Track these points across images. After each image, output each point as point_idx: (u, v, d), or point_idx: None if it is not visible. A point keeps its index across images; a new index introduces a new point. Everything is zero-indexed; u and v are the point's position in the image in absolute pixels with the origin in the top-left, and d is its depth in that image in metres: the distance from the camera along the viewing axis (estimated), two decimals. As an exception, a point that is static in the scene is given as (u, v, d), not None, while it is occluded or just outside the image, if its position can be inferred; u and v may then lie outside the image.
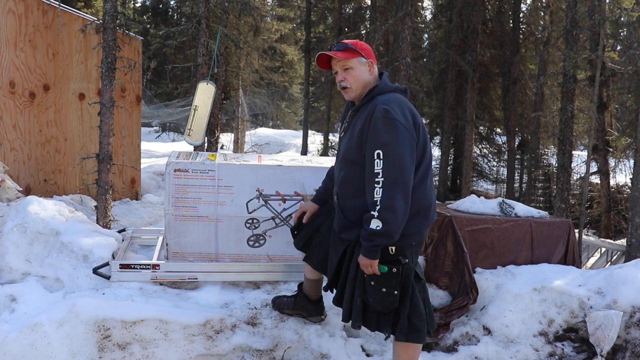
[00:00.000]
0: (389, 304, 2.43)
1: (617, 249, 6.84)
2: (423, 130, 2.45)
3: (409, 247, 2.44)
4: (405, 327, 2.47)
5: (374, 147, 2.32)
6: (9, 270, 3.33)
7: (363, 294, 2.49)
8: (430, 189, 2.49)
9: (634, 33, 6.21)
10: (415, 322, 2.49)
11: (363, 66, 2.51)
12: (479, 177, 12.81)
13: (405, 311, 2.46)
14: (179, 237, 3.36)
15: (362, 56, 2.51)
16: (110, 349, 2.89)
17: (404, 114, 2.38)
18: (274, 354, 3.05)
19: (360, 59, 2.51)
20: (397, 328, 2.49)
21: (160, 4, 20.37)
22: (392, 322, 2.49)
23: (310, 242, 2.86)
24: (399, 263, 2.39)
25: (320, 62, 2.57)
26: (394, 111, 2.34)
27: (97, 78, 5.49)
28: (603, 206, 9.45)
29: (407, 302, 2.46)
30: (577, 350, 3.28)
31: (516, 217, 3.81)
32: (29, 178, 5.22)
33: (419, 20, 11.92)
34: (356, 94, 2.52)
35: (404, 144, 2.32)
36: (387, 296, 2.41)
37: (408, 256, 2.43)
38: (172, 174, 3.28)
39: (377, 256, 2.35)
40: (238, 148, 14.30)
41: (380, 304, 2.44)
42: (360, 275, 2.49)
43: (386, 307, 2.45)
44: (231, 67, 9.36)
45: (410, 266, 2.46)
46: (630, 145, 6.93)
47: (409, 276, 2.46)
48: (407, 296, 2.46)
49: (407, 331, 2.48)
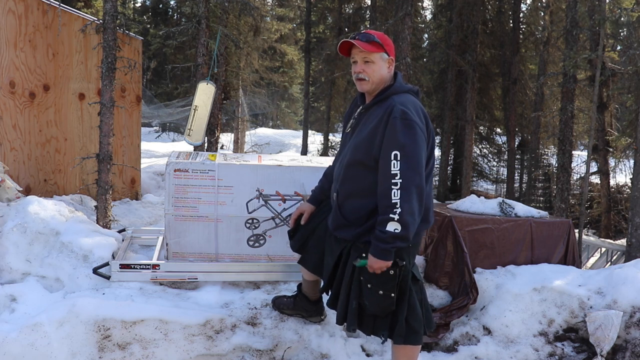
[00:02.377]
0: (386, 306, 2.42)
1: (617, 249, 6.84)
2: (432, 134, 2.44)
3: (406, 249, 2.42)
4: (403, 329, 2.46)
5: (392, 148, 2.29)
6: (9, 270, 3.33)
7: (359, 296, 2.47)
8: (431, 192, 2.49)
9: (634, 33, 6.21)
10: (412, 324, 2.48)
11: (384, 62, 2.48)
12: (479, 177, 12.81)
13: (402, 313, 2.45)
14: (179, 237, 3.36)
15: (385, 52, 2.47)
16: (110, 349, 2.89)
17: (419, 116, 2.37)
18: (274, 354, 3.05)
19: (382, 54, 2.47)
20: (394, 331, 2.47)
21: (160, 4, 20.37)
22: (390, 324, 2.48)
23: (306, 244, 2.85)
24: (397, 265, 2.37)
25: (341, 48, 2.52)
26: (411, 113, 2.33)
27: (97, 78, 5.49)
28: (603, 206, 9.45)
29: (404, 305, 2.45)
30: (577, 350, 3.28)
31: (516, 217, 3.81)
32: (29, 178, 5.22)
33: (419, 20, 11.91)
34: (371, 87, 2.49)
35: (421, 146, 2.31)
36: (384, 299, 2.40)
37: (405, 258, 2.41)
38: (172, 174, 3.28)
39: (391, 258, 2.33)
40: (238, 148, 14.29)
41: (378, 307, 2.42)
42: (356, 278, 2.47)
43: (383, 310, 2.43)
44: (231, 67, 9.36)
45: (407, 268, 2.44)
46: (630, 145, 6.93)
47: (406, 278, 2.45)
48: (405, 298, 2.45)
49: (405, 333, 2.47)
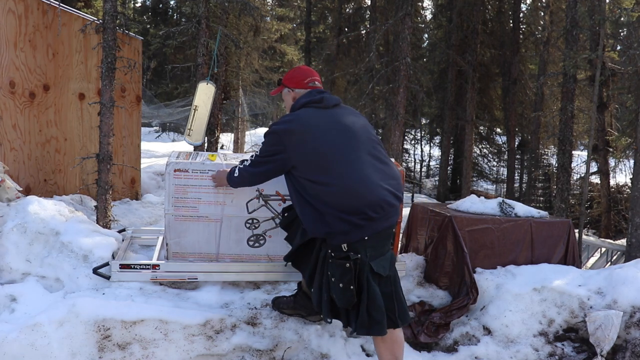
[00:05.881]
0: (348, 298, 2.55)
1: (617, 249, 6.85)
2: (314, 130, 2.67)
3: (361, 243, 2.53)
4: (365, 320, 2.57)
5: None
6: (9, 270, 3.33)
7: (328, 290, 2.63)
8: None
9: (634, 33, 6.21)
10: (374, 315, 2.56)
11: (288, 94, 2.91)
12: (479, 177, 12.83)
13: (363, 304, 2.56)
14: (179, 238, 3.36)
15: (286, 87, 2.91)
16: (110, 349, 2.89)
17: (285, 122, 2.73)
18: (274, 354, 3.05)
19: (284, 89, 2.92)
20: (358, 321, 2.59)
21: (160, 4, 20.36)
22: (356, 316, 2.60)
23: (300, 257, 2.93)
24: (350, 259, 2.51)
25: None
26: (274, 124, 2.78)
27: (97, 78, 5.49)
28: (603, 206, 9.46)
29: (364, 296, 2.56)
30: (577, 350, 3.28)
31: (516, 217, 3.81)
32: (29, 178, 5.22)
33: (419, 20, 11.93)
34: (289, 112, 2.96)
35: (266, 145, 2.77)
36: (344, 291, 2.54)
37: (361, 252, 2.53)
38: (172, 174, 3.28)
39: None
40: (238, 148, 14.30)
41: (342, 299, 2.57)
42: (325, 272, 2.64)
43: (348, 303, 2.57)
44: (231, 67, 9.37)
45: (363, 260, 2.54)
46: (630, 145, 6.93)
47: (363, 270, 2.55)
48: (363, 290, 2.56)
49: (367, 324, 2.57)
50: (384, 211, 2.57)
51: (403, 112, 7.04)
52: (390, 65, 7.76)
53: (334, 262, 2.57)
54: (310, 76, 2.88)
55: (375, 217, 2.54)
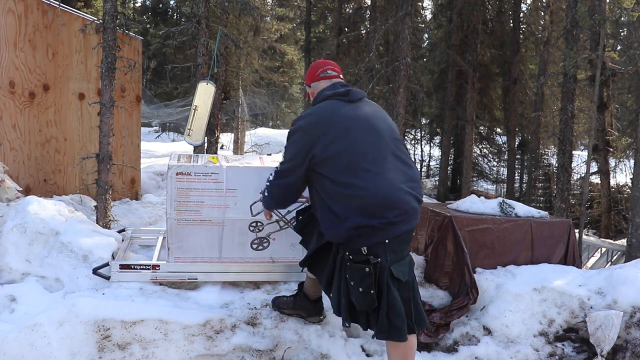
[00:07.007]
0: (368, 302, 2.50)
1: (617, 249, 6.85)
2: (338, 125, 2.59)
3: (381, 247, 2.48)
4: (385, 325, 2.52)
5: None
6: (9, 270, 3.33)
7: (347, 293, 2.57)
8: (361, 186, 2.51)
9: (634, 33, 6.20)
10: (393, 321, 2.52)
11: (309, 89, 2.89)
12: (479, 177, 12.83)
13: (383, 310, 2.51)
14: (181, 242, 3.33)
15: (305, 84, 2.92)
16: (110, 349, 2.89)
17: (306, 117, 2.65)
18: (274, 354, 3.05)
19: (306, 86, 2.91)
20: (377, 327, 2.54)
21: (160, 4, 20.35)
22: (376, 321, 2.55)
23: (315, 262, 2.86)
24: (369, 262, 2.46)
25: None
26: (297, 121, 2.68)
27: (97, 78, 5.48)
28: (603, 206, 9.46)
29: (383, 301, 2.51)
30: (577, 350, 3.28)
31: (516, 217, 3.81)
32: (29, 178, 5.21)
33: (419, 20, 11.93)
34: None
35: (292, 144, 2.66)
36: (364, 295, 2.49)
37: (381, 255, 2.48)
38: (174, 178, 3.23)
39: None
40: (238, 148, 14.28)
41: (361, 303, 2.51)
42: (343, 276, 2.57)
43: (368, 306, 2.52)
44: (231, 67, 9.36)
45: (383, 265, 2.49)
46: (631, 145, 6.93)
47: (382, 275, 2.50)
48: (383, 295, 2.51)
49: (387, 329, 2.52)
50: (407, 214, 2.51)
51: (403, 112, 7.04)
52: (390, 65, 7.75)
53: (352, 266, 2.50)
54: (321, 67, 2.80)
55: (397, 221, 2.48)
